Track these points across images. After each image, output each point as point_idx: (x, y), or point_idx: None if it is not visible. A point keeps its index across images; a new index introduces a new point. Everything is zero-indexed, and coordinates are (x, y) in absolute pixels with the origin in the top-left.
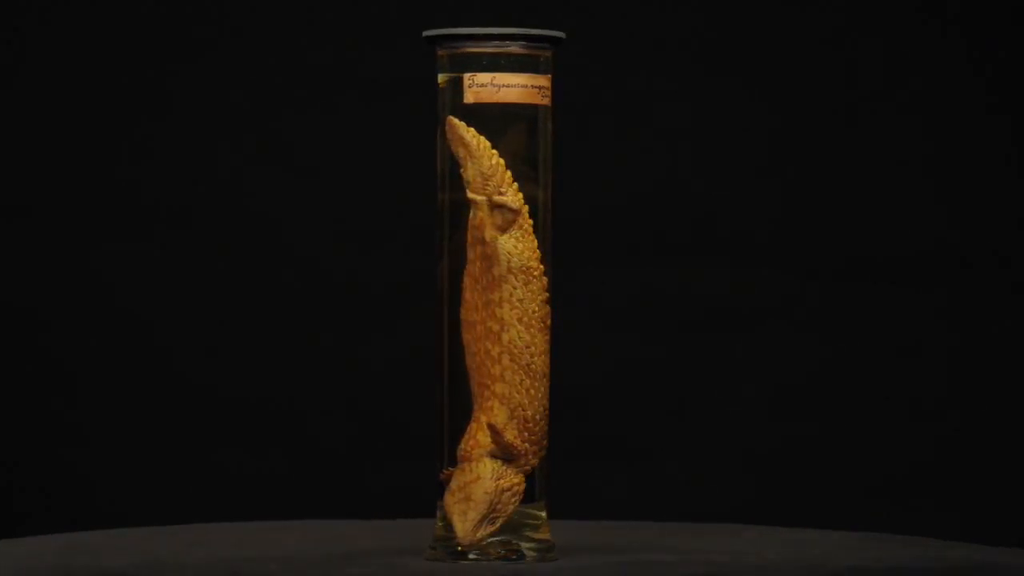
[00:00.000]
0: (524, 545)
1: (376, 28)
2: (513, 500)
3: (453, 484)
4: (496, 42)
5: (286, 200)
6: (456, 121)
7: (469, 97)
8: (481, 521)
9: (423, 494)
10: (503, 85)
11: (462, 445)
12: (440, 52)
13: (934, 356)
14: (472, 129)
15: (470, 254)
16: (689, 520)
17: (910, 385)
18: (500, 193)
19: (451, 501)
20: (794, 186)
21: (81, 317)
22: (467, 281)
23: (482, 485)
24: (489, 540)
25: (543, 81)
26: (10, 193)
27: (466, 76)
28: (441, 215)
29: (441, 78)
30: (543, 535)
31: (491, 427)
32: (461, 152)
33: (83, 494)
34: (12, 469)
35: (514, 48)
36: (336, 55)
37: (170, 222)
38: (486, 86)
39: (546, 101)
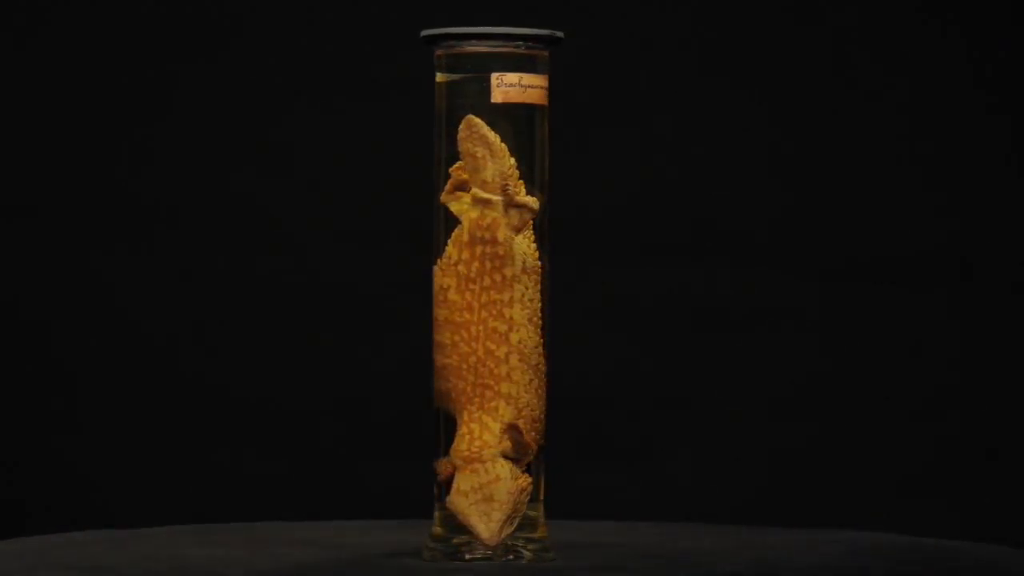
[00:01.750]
0: (522, 545)
1: (376, 28)
2: (527, 499)
3: (464, 486)
4: (494, 42)
5: (285, 200)
6: (478, 120)
7: (497, 96)
8: (506, 521)
9: (423, 494)
10: (529, 86)
11: (463, 447)
12: (438, 52)
13: (934, 356)
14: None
15: (461, 254)
16: (689, 520)
17: (910, 385)
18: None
19: (466, 503)
20: (794, 186)
21: (81, 317)
22: (449, 282)
23: (505, 485)
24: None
25: (543, 81)
26: (10, 193)
27: (494, 76)
28: (439, 215)
29: (439, 77)
30: (541, 535)
31: (515, 428)
32: (480, 152)
33: (83, 494)
34: (12, 469)
35: (512, 48)
36: (336, 55)
37: (170, 222)
38: (514, 86)
39: (544, 101)
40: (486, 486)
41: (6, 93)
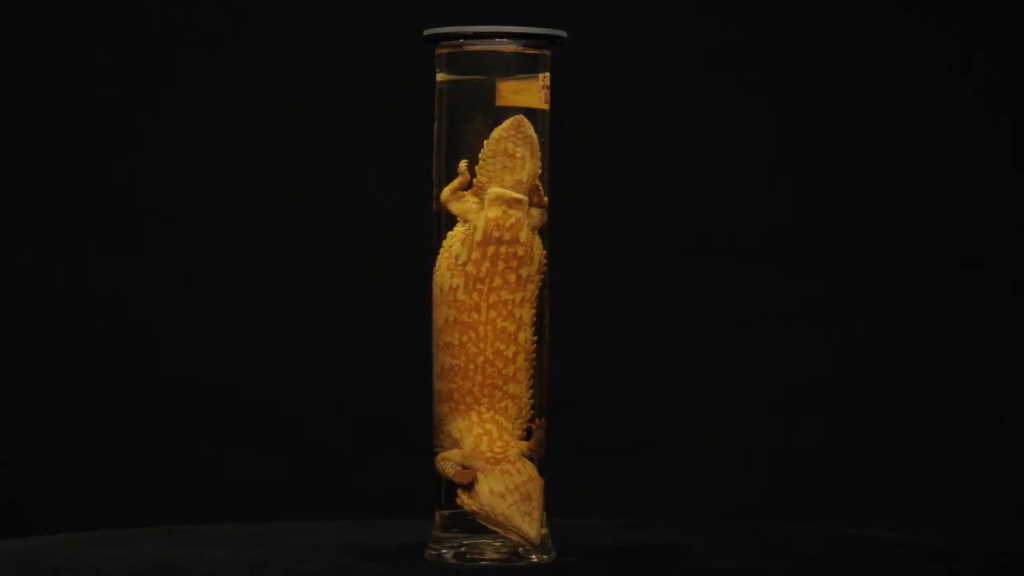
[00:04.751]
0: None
1: (376, 28)
2: None
3: (497, 487)
4: (496, 41)
5: (286, 200)
6: (526, 120)
7: (542, 99)
8: (542, 518)
9: (423, 494)
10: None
11: (483, 447)
12: (439, 51)
13: (934, 356)
14: None
15: (471, 255)
16: (689, 520)
17: (910, 385)
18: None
19: (505, 505)
20: (794, 186)
21: (81, 317)
22: (458, 282)
23: (538, 483)
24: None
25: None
26: (10, 193)
27: (541, 76)
28: (439, 216)
29: (440, 77)
30: (542, 535)
31: (541, 427)
32: (520, 152)
33: (83, 494)
34: (12, 469)
35: (514, 47)
36: (336, 55)
37: (170, 222)
38: (548, 88)
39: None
40: (522, 486)
41: (7, 93)
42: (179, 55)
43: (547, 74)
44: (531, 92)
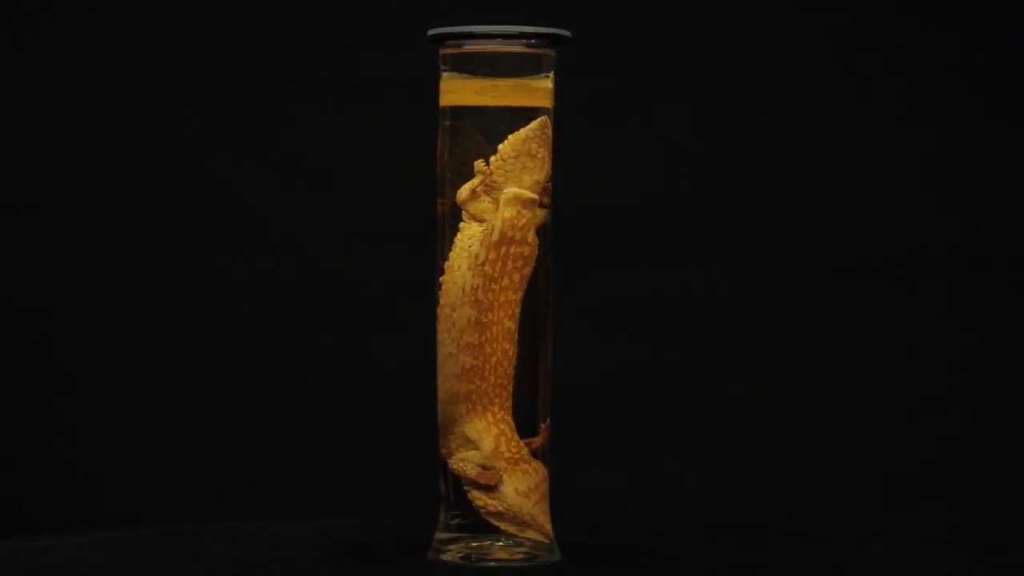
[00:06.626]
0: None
1: (376, 28)
2: None
3: (521, 487)
4: (500, 40)
5: (286, 200)
6: (548, 120)
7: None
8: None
9: (423, 494)
10: None
11: (502, 448)
12: (442, 51)
13: (934, 356)
14: None
15: (488, 255)
16: (689, 520)
17: (910, 385)
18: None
19: (529, 504)
20: (794, 186)
21: (81, 317)
22: (478, 282)
23: (547, 482)
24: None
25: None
26: (10, 193)
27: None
28: (442, 216)
29: (444, 76)
30: None
31: (546, 428)
32: (542, 153)
33: (83, 494)
34: (12, 469)
35: (517, 46)
36: (337, 54)
37: (170, 222)
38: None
39: (549, 103)
40: (540, 485)
41: (6, 93)
42: (178, 55)
43: (551, 73)
44: (470, 89)
